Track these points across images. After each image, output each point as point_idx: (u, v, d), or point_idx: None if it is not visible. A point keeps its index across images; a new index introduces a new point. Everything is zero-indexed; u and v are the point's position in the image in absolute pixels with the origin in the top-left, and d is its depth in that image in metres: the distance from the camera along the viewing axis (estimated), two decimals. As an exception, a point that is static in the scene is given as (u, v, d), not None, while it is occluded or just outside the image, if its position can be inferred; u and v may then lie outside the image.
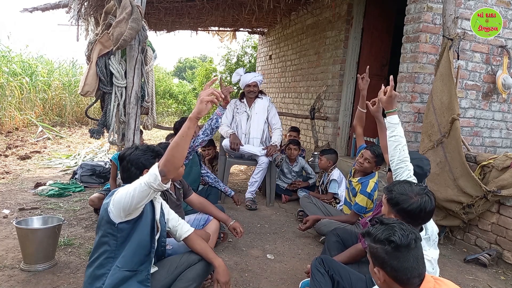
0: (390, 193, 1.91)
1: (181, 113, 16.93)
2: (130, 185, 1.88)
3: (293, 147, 4.93)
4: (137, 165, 2.07)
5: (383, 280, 1.47)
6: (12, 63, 10.25)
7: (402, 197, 1.85)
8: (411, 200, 1.84)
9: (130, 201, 1.84)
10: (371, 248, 1.50)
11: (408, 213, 1.84)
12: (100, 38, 2.67)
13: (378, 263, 1.47)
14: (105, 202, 1.97)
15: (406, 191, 1.87)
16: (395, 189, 1.91)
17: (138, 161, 2.07)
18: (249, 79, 4.64)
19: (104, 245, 1.94)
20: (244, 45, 12.21)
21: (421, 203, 1.83)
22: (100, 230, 1.97)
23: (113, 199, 1.91)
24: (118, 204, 1.87)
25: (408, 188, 1.89)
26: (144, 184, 1.81)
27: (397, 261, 1.42)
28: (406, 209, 1.83)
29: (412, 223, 1.77)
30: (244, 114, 4.69)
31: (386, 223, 1.51)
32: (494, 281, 3.02)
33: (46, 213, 3.82)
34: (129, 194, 1.83)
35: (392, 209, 1.90)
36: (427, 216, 1.87)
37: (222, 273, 2.19)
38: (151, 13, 5.73)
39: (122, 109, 2.73)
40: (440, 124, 3.63)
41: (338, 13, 5.75)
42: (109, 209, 1.91)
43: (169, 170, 1.81)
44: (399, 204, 1.85)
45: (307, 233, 3.69)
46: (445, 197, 3.55)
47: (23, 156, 6.59)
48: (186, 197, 2.99)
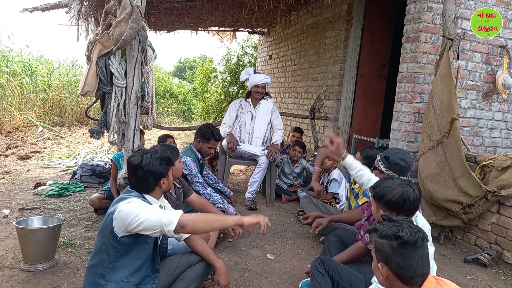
0: (375, 189, 2.06)
1: (181, 113, 16.94)
2: (142, 208, 1.83)
3: (298, 149, 4.93)
4: (156, 175, 2.03)
5: (385, 276, 1.47)
6: (13, 63, 10.25)
7: (386, 189, 1.99)
8: (393, 191, 1.96)
9: (136, 226, 1.82)
10: (377, 243, 1.50)
11: (394, 204, 1.95)
12: (100, 38, 2.67)
13: (383, 259, 1.46)
14: (111, 210, 1.92)
15: (389, 184, 2.02)
16: (379, 185, 2.06)
17: (157, 171, 2.03)
18: (258, 79, 4.66)
19: (104, 253, 1.91)
20: (244, 45, 12.21)
21: (403, 192, 1.95)
22: (102, 235, 1.93)
23: (119, 210, 1.86)
24: (123, 220, 1.83)
25: (390, 181, 2.05)
26: (158, 222, 1.80)
27: (402, 258, 1.42)
28: (391, 200, 1.95)
29: (399, 214, 1.87)
30: (249, 114, 4.71)
31: (395, 220, 1.52)
32: (494, 281, 3.02)
33: (46, 213, 3.82)
34: (138, 219, 1.80)
35: (379, 204, 2.02)
36: (412, 206, 1.97)
37: (223, 276, 2.19)
38: (151, 13, 5.72)
39: (122, 109, 2.73)
40: (440, 124, 3.63)
41: (338, 13, 5.75)
42: (113, 218, 1.87)
43: (188, 231, 1.88)
44: (384, 197, 1.98)
45: (307, 233, 3.69)
46: (445, 197, 3.55)
47: (23, 156, 6.60)
48: (186, 197, 2.99)
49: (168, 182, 2.11)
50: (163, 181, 2.07)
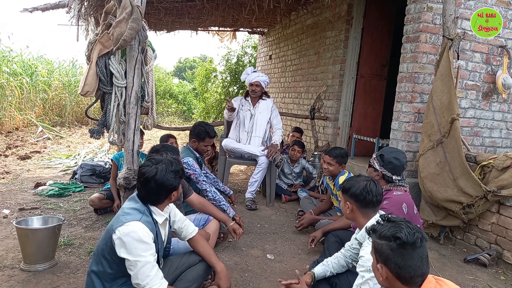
0: (343, 184, 2.27)
1: (181, 113, 16.94)
2: (139, 255, 1.79)
3: (297, 149, 4.93)
4: (168, 189, 1.97)
5: (385, 277, 1.47)
6: (13, 63, 10.25)
7: (351, 183, 2.19)
8: (358, 184, 2.15)
9: (127, 265, 1.81)
10: (376, 244, 1.50)
11: (358, 195, 2.12)
12: (100, 38, 2.67)
13: (382, 260, 1.47)
14: (111, 227, 1.86)
15: (355, 179, 2.22)
16: (347, 181, 2.25)
17: (170, 185, 1.96)
18: (252, 78, 4.69)
19: (103, 264, 1.89)
20: (244, 45, 12.20)
21: (366, 185, 2.12)
22: (103, 244, 1.90)
23: (120, 234, 1.80)
24: (119, 248, 1.80)
25: (357, 178, 2.25)
26: (144, 281, 1.79)
27: (402, 258, 1.42)
28: (355, 192, 2.13)
29: (365, 207, 2.12)
30: (248, 112, 4.72)
31: (393, 221, 1.52)
32: (494, 281, 3.02)
33: (46, 213, 3.82)
34: (132, 261, 1.79)
35: (346, 197, 2.19)
36: (375, 199, 2.13)
37: (224, 279, 2.18)
38: (151, 13, 5.73)
39: (122, 109, 2.73)
40: (440, 124, 3.63)
41: (338, 13, 5.75)
42: (113, 241, 1.82)
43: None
44: (350, 189, 2.15)
45: (307, 233, 3.69)
46: (445, 197, 3.54)
47: (23, 156, 6.60)
48: (186, 197, 2.99)
49: (177, 194, 2.07)
50: (174, 194, 2.03)
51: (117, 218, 1.88)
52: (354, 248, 2.27)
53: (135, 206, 1.94)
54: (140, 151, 2.95)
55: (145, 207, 1.96)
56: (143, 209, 1.94)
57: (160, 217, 2.02)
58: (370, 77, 5.70)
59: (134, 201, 1.98)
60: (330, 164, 3.51)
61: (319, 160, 5.03)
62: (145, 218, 1.90)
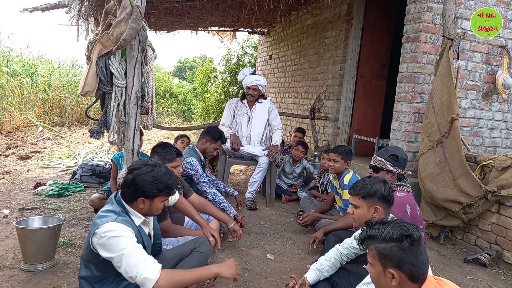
0: (361, 190, 2.13)
1: (181, 113, 16.95)
2: (120, 249, 1.75)
3: (301, 149, 4.92)
4: (138, 191, 1.91)
5: (398, 281, 1.39)
6: (13, 63, 10.25)
7: (373, 186, 2.11)
8: (379, 185, 2.11)
9: (115, 265, 1.79)
10: (381, 249, 1.41)
11: (387, 196, 2.10)
12: (100, 38, 2.67)
13: (394, 263, 1.38)
14: (90, 232, 1.84)
15: (371, 182, 2.14)
16: (362, 186, 2.13)
17: (140, 187, 1.90)
18: (250, 81, 4.53)
19: (91, 268, 1.89)
20: (244, 45, 12.21)
21: (385, 184, 2.13)
22: (86, 249, 1.90)
23: (98, 236, 1.78)
24: (101, 251, 1.79)
25: (368, 180, 2.18)
26: (133, 272, 1.74)
27: (414, 256, 1.37)
28: (384, 194, 2.09)
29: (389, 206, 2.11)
30: (245, 116, 4.64)
31: (388, 222, 1.47)
32: (494, 281, 3.02)
33: (46, 213, 3.82)
34: (116, 257, 1.76)
35: (371, 201, 2.10)
36: (392, 198, 2.16)
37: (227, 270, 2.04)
38: (151, 13, 5.73)
39: (122, 109, 2.73)
40: (440, 124, 3.63)
41: (338, 13, 5.75)
42: (94, 244, 1.81)
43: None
44: (376, 192, 2.08)
45: (307, 233, 3.69)
46: (445, 197, 3.55)
47: (23, 156, 6.59)
48: (186, 197, 2.98)
49: (146, 208, 1.96)
50: (142, 201, 1.93)
51: (94, 222, 1.86)
52: (353, 247, 2.26)
53: (110, 208, 1.92)
54: (140, 151, 2.95)
55: (120, 207, 1.93)
56: (118, 209, 1.92)
57: (137, 218, 1.97)
58: (370, 77, 5.70)
59: (110, 203, 1.97)
60: (336, 161, 3.46)
61: (319, 160, 5.02)
62: (121, 218, 1.87)
